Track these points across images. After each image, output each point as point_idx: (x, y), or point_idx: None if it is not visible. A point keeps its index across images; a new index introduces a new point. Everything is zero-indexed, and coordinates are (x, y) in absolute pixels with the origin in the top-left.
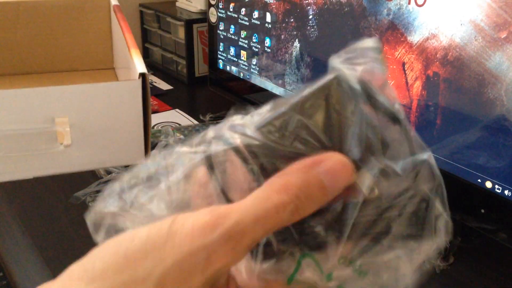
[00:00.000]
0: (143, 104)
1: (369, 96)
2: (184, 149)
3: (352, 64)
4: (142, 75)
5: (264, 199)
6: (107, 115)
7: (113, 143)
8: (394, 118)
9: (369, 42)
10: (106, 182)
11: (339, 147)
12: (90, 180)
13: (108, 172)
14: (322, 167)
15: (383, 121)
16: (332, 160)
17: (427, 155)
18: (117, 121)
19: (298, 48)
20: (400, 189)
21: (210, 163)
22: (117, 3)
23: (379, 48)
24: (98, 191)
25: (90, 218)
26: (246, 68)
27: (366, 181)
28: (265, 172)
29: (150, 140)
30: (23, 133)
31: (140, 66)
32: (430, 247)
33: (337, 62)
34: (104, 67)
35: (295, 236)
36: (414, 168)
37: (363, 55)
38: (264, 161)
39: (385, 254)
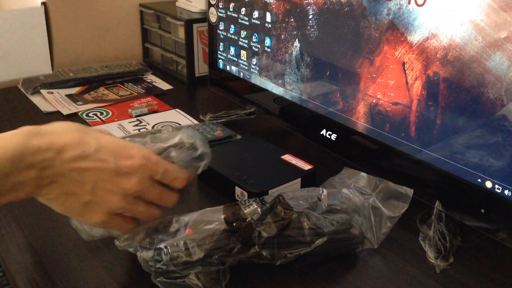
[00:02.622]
0: (47, 26)
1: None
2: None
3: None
4: (43, 3)
5: None
6: (19, 36)
7: (26, 58)
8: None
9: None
10: None
11: None
12: None
13: None
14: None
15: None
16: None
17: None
18: (27, 41)
19: (298, 48)
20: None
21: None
22: None
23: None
24: None
25: None
26: (246, 68)
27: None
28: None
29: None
30: None
31: None
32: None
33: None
34: None
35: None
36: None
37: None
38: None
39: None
